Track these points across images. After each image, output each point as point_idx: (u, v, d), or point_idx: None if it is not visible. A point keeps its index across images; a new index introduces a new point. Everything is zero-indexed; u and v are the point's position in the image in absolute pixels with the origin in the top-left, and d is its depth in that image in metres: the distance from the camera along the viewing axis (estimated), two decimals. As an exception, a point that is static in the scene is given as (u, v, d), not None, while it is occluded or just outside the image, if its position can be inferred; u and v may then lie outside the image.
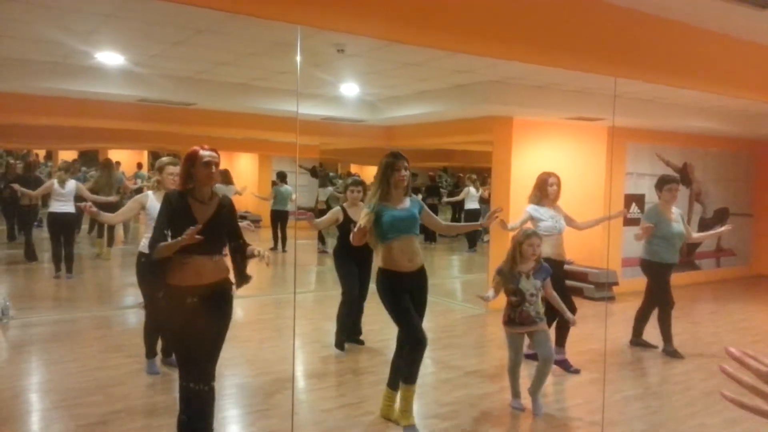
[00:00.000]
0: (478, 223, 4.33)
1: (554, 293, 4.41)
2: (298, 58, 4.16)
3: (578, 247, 5.14)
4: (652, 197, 9.02)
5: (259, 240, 9.96)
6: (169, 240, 3.15)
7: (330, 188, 12.73)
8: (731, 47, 4.95)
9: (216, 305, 3.30)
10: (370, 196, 3.98)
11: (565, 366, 5.18)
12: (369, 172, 13.87)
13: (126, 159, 16.33)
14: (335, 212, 5.55)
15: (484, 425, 4.11)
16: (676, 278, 6.24)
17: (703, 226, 9.55)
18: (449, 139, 9.35)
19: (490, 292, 4.26)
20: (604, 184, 8.25)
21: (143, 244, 4.62)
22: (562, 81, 6.57)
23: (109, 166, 10.01)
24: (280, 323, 6.70)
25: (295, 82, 6.49)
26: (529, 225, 5.02)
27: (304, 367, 5.31)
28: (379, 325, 6.01)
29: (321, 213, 11.57)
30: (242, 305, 7.49)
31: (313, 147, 12.20)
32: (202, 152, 3.25)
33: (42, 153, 20.58)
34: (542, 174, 5.34)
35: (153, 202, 4.64)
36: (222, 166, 11.86)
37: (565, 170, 6.68)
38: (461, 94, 7.03)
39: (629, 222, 8.92)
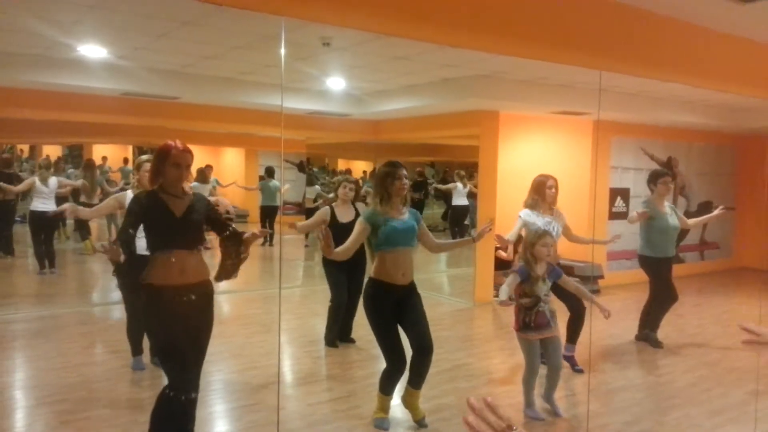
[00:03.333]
0: (470, 238, 4.22)
1: (571, 281, 4.31)
2: (283, 51, 4.12)
3: (564, 241, 5.13)
4: (636, 191, 9.11)
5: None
6: (138, 239, 3.22)
7: (317, 187, 12.60)
8: (714, 41, 4.98)
9: (201, 308, 3.22)
10: (370, 206, 3.92)
11: (572, 363, 5.07)
12: (357, 167, 13.83)
13: (112, 154, 16.18)
14: (322, 213, 5.34)
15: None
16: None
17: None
18: (436, 133, 9.34)
19: (507, 295, 4.05)
20: (589, 177, 8.30)
21: None
22: (549, 75, 6.59)
23: (91, 168, 9.89)
24: (267, 318, 6.67)
25: (281, 76, 6.45)
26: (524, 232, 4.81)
27: (291, 362, 5.31)
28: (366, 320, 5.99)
29: (309, 211, 11.57)
30: (228, 301, 7.46)
31: (300, 141, 12.14)
32: (173, 152, 3.15)
33: (26, 148, 20.29)
34: (540, 176, 4.99)
35: None
36: (208, 161, 11.61)
37: (550, 164, 6.72)
38: (448, 88, 7.02)
39: (614, 216, 8.99)
